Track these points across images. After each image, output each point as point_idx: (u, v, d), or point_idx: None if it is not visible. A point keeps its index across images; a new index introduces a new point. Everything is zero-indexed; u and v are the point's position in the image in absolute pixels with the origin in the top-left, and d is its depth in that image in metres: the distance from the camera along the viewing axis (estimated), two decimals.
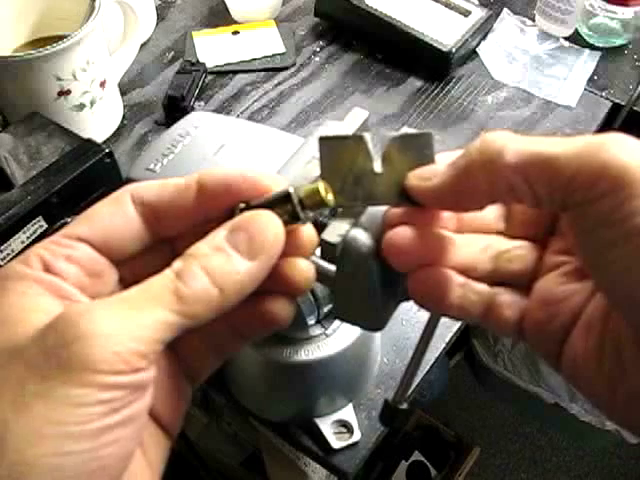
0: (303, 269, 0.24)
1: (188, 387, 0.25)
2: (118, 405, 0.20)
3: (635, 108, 0.79)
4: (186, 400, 0.25)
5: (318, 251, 0.26)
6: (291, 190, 0.24)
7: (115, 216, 0.24)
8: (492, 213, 0.27)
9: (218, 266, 0.22)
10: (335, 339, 0.50)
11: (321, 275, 0.28)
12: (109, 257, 0.24)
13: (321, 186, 0.24)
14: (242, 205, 0.24)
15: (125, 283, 0.25)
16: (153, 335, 0.21)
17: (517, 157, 0.22)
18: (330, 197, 0.24)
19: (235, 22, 0.92)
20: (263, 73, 0.85)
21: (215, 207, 0.24)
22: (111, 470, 0.20)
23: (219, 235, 0.23)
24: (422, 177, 0.24)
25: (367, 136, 0.26)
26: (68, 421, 0.19)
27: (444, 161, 0.25)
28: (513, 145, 0.22)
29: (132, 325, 0.20)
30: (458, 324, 0.61)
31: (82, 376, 0.19)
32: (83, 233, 0.24)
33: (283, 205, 0.24)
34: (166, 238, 0.25)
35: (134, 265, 0.25)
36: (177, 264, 0.22)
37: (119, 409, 0.20)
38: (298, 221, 0.24)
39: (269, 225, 0.23)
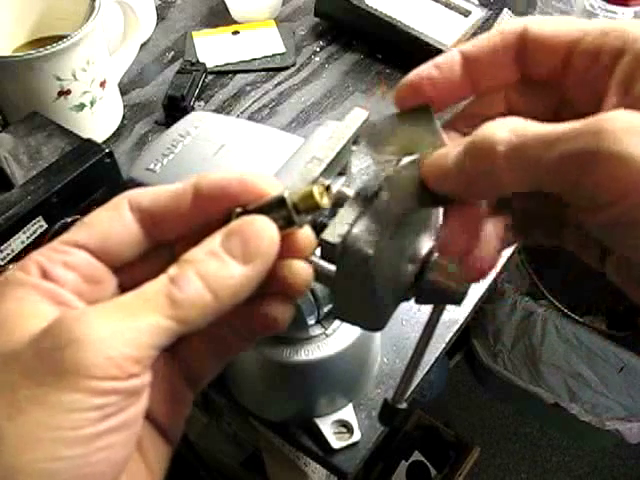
0: (301, 271, 0.24)
1: (189, 392, 0.25)
2: (112, 411, 0.20)
3: None
4: (187, 405, 0.25)
5: (318, 251, 0.26)
6: (285, 195, 0.24)
7: (113, 222, 0.24)
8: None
9: (212, 271, 0.22)
10: (335, 339, 0.50)
11: (321, 275, 0.28)
12: (108, 263, 0.24)
13: (315, 190, 0.24)
14: (239, 210, 0.24)
15: (125, 289, 0.24)
16: (147, 340, 0.21)
17: (508, 151, 0.20)
18: (325, 200, 0.24)
19: (235, 22, 0.92)
20: (263, 73, 0.85)
21: (212, 211, 0.24)
22: (105, 476, 0.20)
23: (214, 241, 0.23)
24: (435, 168, 0.24)
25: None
26: (62, 426, 0.19)
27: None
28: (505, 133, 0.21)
29: (126, 330, 0.20)
30: (458, 324, 0.61)
31: (75, 381, 0.19)
32: (81, 240, 0.24)
33: (278, 210, 0.24)
34: (165, 243, 0.25)
35: (133, 271, 0.25)
36: (172, 270, 0.22)
37: (113, 415, 0.20)
38: (294, 225, 0.24)
39: (264, 230, 0.23)
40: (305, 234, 0.24)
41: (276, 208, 0.24)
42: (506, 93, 0.26)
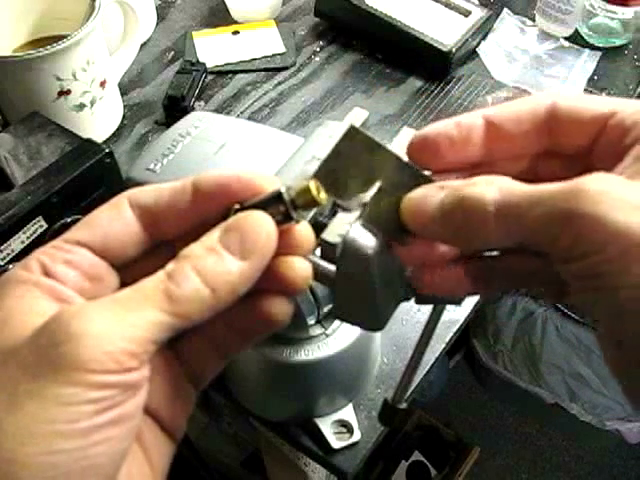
0: (299, 268, 0.24)
1: (191, 390, 0.26)
2: (108, 404, 0.20)
3: None
4: (190, 403, 0.25)
5: (318, 251, 0.26)
6: (283, 190, 0.24)
7: (113, 220, 0.24)
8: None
9: (210, 266, 0.22)
10: (335, 339, 0.50)
11: (321, 275, 0.28)
12: (109, 261, 0.24)
13: (312, 184, 0.24)
14: (237, 206, 0.24)
15: (126, 287, 0.25)
16: (144, 335, 0.21)
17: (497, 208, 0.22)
18: (322, 195, 0.24)
19: (235, 22, 0.92)
20: (263, 73, 0.85)
21: (211, 208, 0.25)
22: (102, 469, 0.20)
23: (212, 236, 0.23)
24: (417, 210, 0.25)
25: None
26: (58, 419, 0.19)
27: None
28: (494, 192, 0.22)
29: (123, 325, 0.21)
30: (458, 324, 0.61)
31: (72, 375, 0.19)
32: (82, 238, 0.24)
33: (276, 205, 0.24)
34: (165, 241, 0.26)
35: (135, 269, 0.25)
36: (170, 265, 0.23)
37: (110, 408, 0.20)
38: (291, 220, 0.24)
39: (261, 225, 0.23)
40: (303, 230, 0.25)
41: (274, 203, 0.24)
42: (529, 162, 0.27)
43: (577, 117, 0.25)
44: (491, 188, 0.22)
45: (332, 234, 0.26)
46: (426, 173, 0.26)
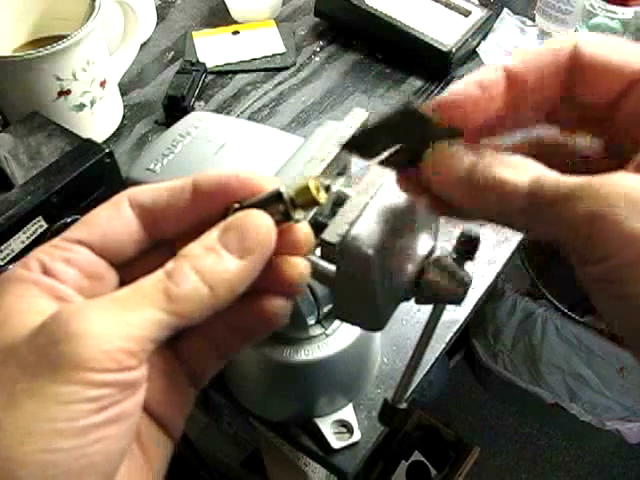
0: (298, 267, 0.24)
1: (190, 389, 0.26)
2: (107, 403, 0.20)
3: None
4: (188, 402, 0.26)
5: (318, 251, 0.26)
6: (282, 189, 0.24)
7: (113, 220, 0.24)
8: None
9: (208, 265, 0.22)
10: (335, 339, 0.50)
11: (321, 275, 0.28)
12: (108, 260, 0.24)
13: (311, 183, 0.24)
14: (236, 205, 0.24)
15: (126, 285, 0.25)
16: (143, 334, 0.21)
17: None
18: (322, 194, 0.24)
19: (235, 22, 0.92)
20: (263, 73, 0.85)
21: (211, 208, 0.25)
22: (101, 467, 0.20)
23: (211, 235, 0.23)
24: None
25: None
26: (56, 418, 0.19)
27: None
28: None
29: (122, 324, 0.21)
30: (458, 324, 0.61)
31: (71, 374, 0.20)
32: (82, 237, 0.24)
33: (275, 204, 0.24)
34: (165, 240, 0.26)
35: (135, 268, 0.25)
36: (169, 264, 0.23)
37: (108, 407, 0.20)
38: (291, 220, 0.24)
39: (260, 224, 0.23)
40: (303, 230, 0.25)
41: (273, 203, 0.24)
42: (553, 115, 0.25)
43: (601, 67, 0.22)
44: (523, 173, 0.21)
45: (332, 234, 0.26)
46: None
